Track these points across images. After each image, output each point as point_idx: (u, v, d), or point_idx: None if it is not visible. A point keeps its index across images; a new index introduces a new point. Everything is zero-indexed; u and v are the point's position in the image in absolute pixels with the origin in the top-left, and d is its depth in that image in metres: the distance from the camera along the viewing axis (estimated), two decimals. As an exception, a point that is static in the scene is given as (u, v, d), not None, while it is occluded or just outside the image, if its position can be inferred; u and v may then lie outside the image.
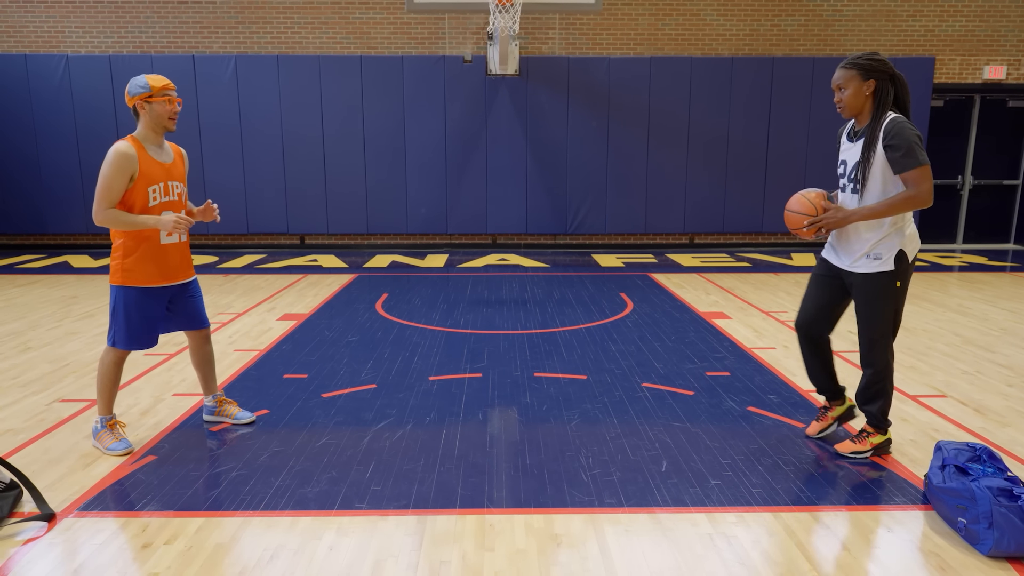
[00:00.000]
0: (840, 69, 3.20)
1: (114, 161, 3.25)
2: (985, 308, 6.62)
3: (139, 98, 3.32)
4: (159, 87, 3.33)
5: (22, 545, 2.68)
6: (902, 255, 3.15)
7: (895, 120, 3.09)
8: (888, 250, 3.16)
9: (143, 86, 3.31)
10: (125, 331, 3.42)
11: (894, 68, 3.18)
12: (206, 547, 2.67)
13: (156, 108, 3.34)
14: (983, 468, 2.78)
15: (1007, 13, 10.17)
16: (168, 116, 3.37)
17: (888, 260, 3.16)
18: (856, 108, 3.19)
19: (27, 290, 7.38)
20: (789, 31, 10.17)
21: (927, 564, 2.57)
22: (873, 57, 3.14)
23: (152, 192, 3.36)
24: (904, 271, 3.18)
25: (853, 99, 3.16)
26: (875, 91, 3.15)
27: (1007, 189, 10.79)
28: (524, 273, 8.48)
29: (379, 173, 10.06)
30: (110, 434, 3.48)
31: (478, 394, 4.30)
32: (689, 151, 10.15)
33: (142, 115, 3.35)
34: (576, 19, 10.02)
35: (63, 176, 9.92)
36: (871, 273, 3.20)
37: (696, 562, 2.58)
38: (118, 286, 3.39)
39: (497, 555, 2.62)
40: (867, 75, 3.13)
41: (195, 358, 3.77)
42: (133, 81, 3.34)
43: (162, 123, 3.37)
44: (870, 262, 3.20)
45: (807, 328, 3.53)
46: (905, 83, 3.19)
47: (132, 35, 9.92)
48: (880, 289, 3.20)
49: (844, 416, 3.65)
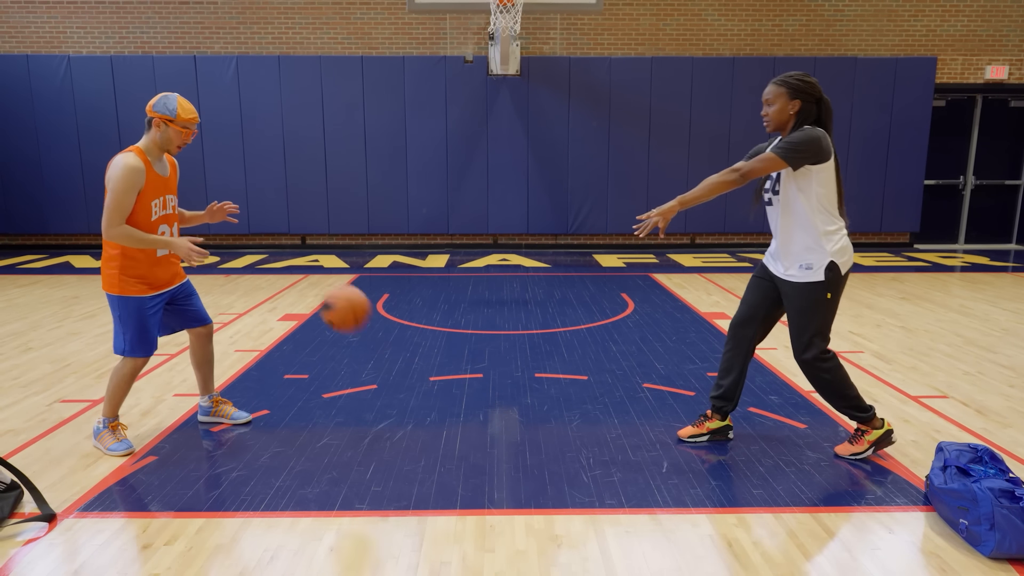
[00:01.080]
0: (771, 84, 3.25)
1: (126, 177, 3.23)
2: (987, 308, 6.61)
3: (161, 117, 3.30)
4: (185, 119, 3.33)
5: (23, 546, 2.68)
6: (833, 266, 3.17)
7: (805, 128, 3.14)
8: (819, 260, 3.18)
9: (170, 110, 3.30)
10: (138, 339, 3.41)
11: (822, 92, 3.21)
12: (206, 548, 2.67)
13: (170, 133, 3.34)
14: (985, 469, 2.78)
15: (1009, 13, 10.16)
16: (177, 144, 3.37)
17: (819, 270, 3.18)
18: (779, 124, 3.24)
19: (28, 290, 7.39)
20: (790, 31, 10.16)
21: (928, 565, 2.57)
22: (804, 78, 3.19)
23: (154, 206, 3.37)
24: (834, 281, 3.19)
25: (778, 115, 3.22)
26: (799, 111, 3.19)
27: (1009, 189, 10.78)
28: (525, 273, 8.48)
29: (380, 173, 10.06)
30: (112, 435, 3.48)
31: (479, 395, 4.30)
32: (690, 151, 10.15)
33: (154, 131, 3.33)
34: (577, 19, 10.01)
35: (65, 176, 9.93)
36: (802, 283, 3.23)
37: (696, 563, 2.57)
38: (119, 296, 3.37)
39: (497, 556, 2.62)
40: (794, 95, 3.18)
41: (196, 357, 3.76)
42: (164, 98, 3.32)
43: (168, 148, 3.37)
44: (802, 272, 3.23)
45: (737, 328, 3.52)
46: (830, 108, 3.23)
47: (133, 35, 9.93)
48: (810, 299, 3.22)
49: (719, 432, 3.62)
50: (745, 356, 3.54)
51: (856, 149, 10.06)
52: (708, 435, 3.62)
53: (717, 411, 3.61)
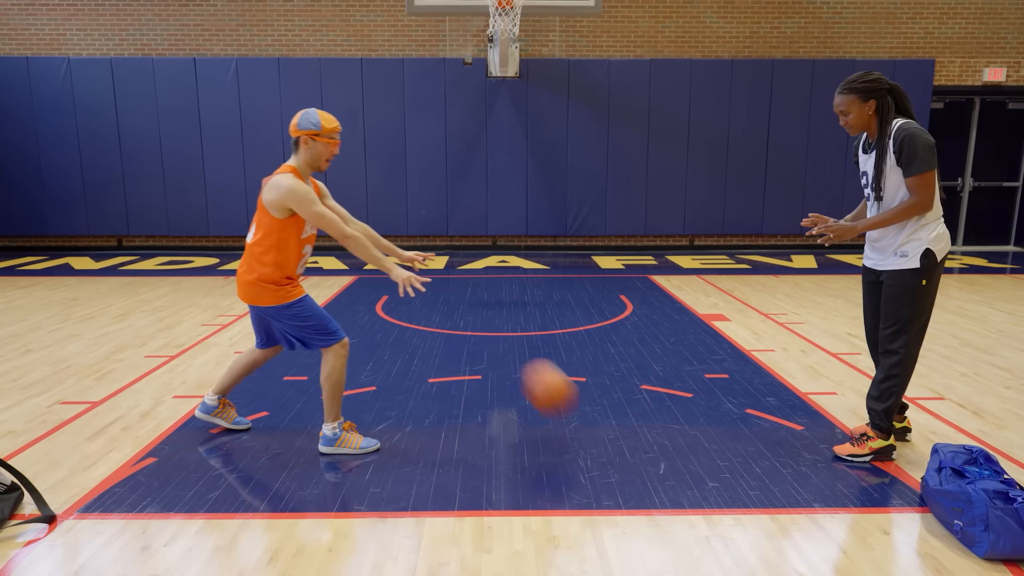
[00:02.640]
0: (839, 95, 3.28)
1: (302, 191, 3.24)
2: (984, 310, 6.63)
3: (307, 133, 3.31)
4: (328, 129, 3.34)
5: (23, 547, 2.69)
6: (929, 253, 3.19)
7: (902, 128, 3.17)
8: (915, 248, 3.21)
9: (315, 123, 3.31)
10: (329, 323, 3.44)
11: (889, 81, 3.24)
12: (205, 549, 2.68)
13: (319, 147, 3.34)
14: (979, 471, 2.79)
15: (1007, 15, 10.18)
16: (327, 157, 3.38)
17: (914, 258, 3.20)
18: (862, 127, 3.30)
19: (28, 292, 7.40)
20: (789, 33, 10.18)
21: (923, 566, 2.58)
22: (865, 78, 3.23)
23: (307, 225, 3.40)
24: (930, 269, 3.21)
25: (858, 120, 3.27)
26: (877, 108, 3.23)
27: (1007, 191, 10.80)
28: (524, 275, 8.49)
29: (379, 175, 10.08)
30: (354, 434, 3.51)
31: (477, 396, 4.31)
32: (689, 153, 10.17)
33: (303, 149, 3.35)
34: (576, 21, 10.03)
35: (64, 178, 9.95)
36: (897, 270, 3.25)
37: (693, 564, 2.59)
38: (289, 303, 3.38)
39: (495, 557, 2.63)
40: (867, 96, 3.23)
41: (246, 367, 3.73)
42: (305, 114, 3.33)
43: (319, 163, 3.38)
44: (897, 259, 3.25)
45: (874, 343, 3.51)
46: (902, 91, 3.27)
47: (133, 37, 9.94)
48: (905, 286, 3.23)
49: (898, 434, 3.60)
50: None
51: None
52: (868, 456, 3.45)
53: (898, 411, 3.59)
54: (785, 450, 3.55)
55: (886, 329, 3.31)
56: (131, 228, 10.14)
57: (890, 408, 3.34)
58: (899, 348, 3.27)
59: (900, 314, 3.26)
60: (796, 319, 6.27)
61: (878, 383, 3.37)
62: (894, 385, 3.32)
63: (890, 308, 3.29)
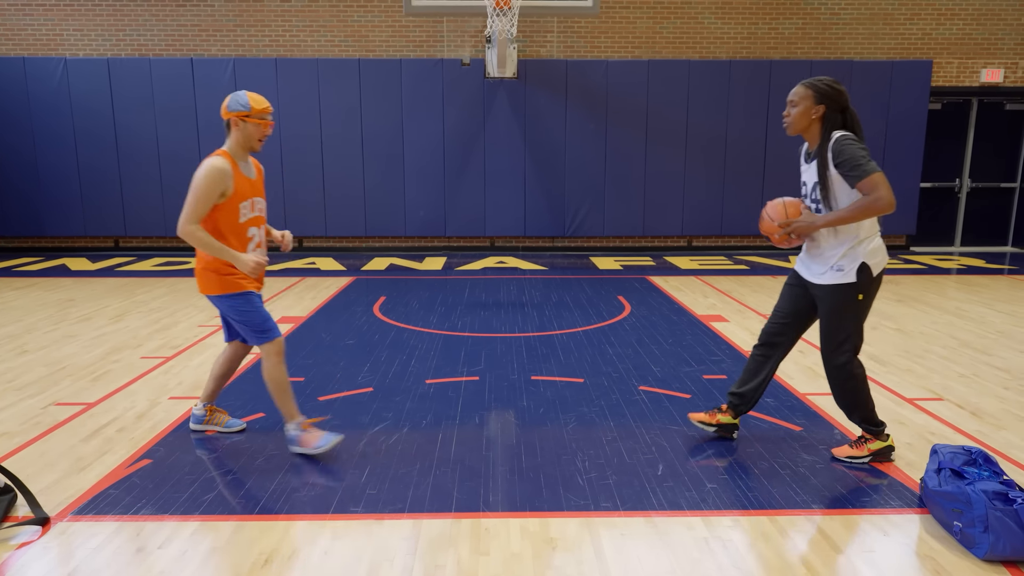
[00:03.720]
0: (799, 85, 3.24)
1: (211, 176, 3.22)
2: (982, 311, 6.63)
3: (236, 115, 3.31)
4: (258, 109, 3.33)
5: (16, 549, 2.67)
6: (865, 268, 3.18)
7: (839, 139, 3.12)
8: (851, 262, 3.19)
9: (244, 104, 3.31)
10: (266, 321, 3.41)
11: (849, 103, 3.19)
12: (200, 551, 2.66)
13: (249, 128, 3.34)
14: (979, 472, 2.79)
15: (1004, 16, 10.19)
16: (258, 138, 3.37)
17: (850, 272, 3.19)
18: (800, 127, 3.24)
19: (24, 293, 7.37)
20: (787, 34, 10.18)
21: (923, 568, 2.57)
22: (833, 85, 3.18)
23: (242, 208, 3.38)
24: (867, 284, 3.20)
25: (800, 117, 3.21)
26: (823, 117, 3.18)
27: (1005, 192, 10.81)
28: (522, 276, 8.48)
29: (377, 176, 10.06)
30: (312, 433, 3.47)
31: (475, 397, 4.30)
32: (687, 154, 10.16)
33: (234, 131, 3.34)
34: (574, 22, 10.03)
35: (61, 179, 9.92)
36: (834, 285, 3.23)
37: (692, 566, 2.57)
38: (231, 295, 3.37)
39: (492, 559, 2.61)
40: (820, 99, 3.17)
41: (224, 368, 3.71)
42: (234, 96, 3.32)
43: (251, 143, 3.37)
44: (834, 274, 3.23)
45: (770, 334, 3.54)
46: (857, 119, 3.21)
47: (130, 38, 9.92)
48: (842, 301, 3.23)
49: (726, 428, 3.64)
50: (775, 362, 3.54)
51: (852, 152, 10.07)
52: (716, 428, 3.64)
53: (732, 407, 3.62)
54: (784, 451, 3.53)
55: (827, 345, 3.31)
56: (128, 229, 10.11)
57: (866, 414, 3.34)
58: (844, 363, 3.27)
59: (840, 329, 3.25)
60: (794, 320, 6.26)
61: (840, 400, 3.37)
62: (855, 398, 3.32)
63: (830, 324, 3.28)
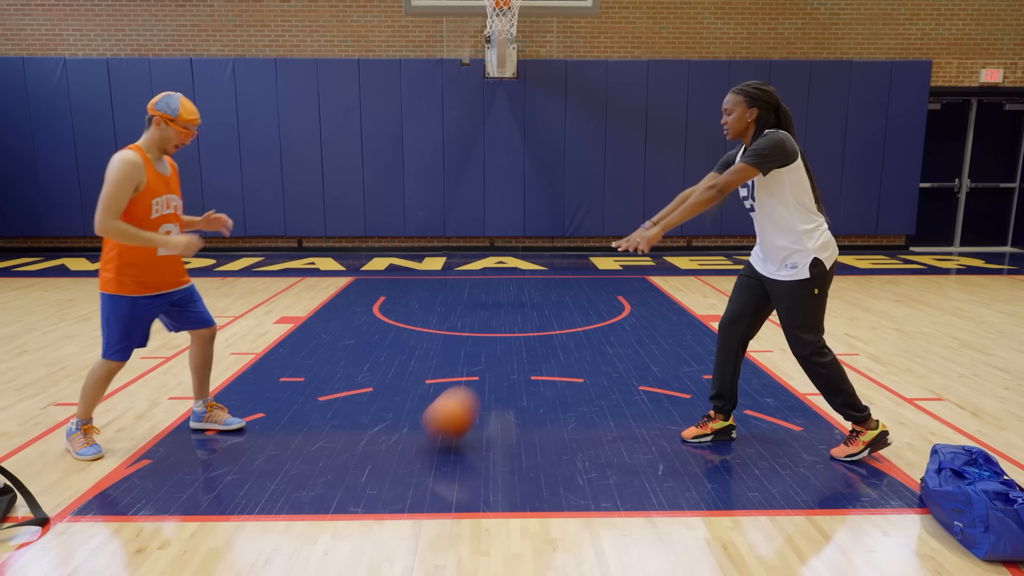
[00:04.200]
0: (730, 93, 3.29)
1: (123, 170, 3.20)
2: (982, 311, 6.63)
3: (161, 116, 3.29)
4: (185, 119, 3.31)
5: (15, 550, 2.67)
6: (817, 262, 3.20)
7: (768, 133, 3.17)
8: (802, 259, 3.21)
9: (172, 109, 3.28)
10: (119, 342, 3.39)
11: (780, 101, 3.24)
12: (200, 552, 2.66)
13: (170, 133, 3.32)
14: (979, 472, 2.78)
15: (1004, 17, 10.20)
16: (176, 144, 3.35)
17: (803, 269, 3.21)
18: (738, 132, 3.29)
19: (23, 293, 7.37)
20: (786, 34, 10.18)
21: (923, 568, 2.57)
22: (761, 87, 3.23)
23: (155, 204, 3.35)
24: (820, 277, 3.21)
25: (736, 123, 3.26)
26: (757, 118, 3.23)
27: (1004, 192, 10.81)
28: (522, 276, 8.48)
29: (377, 176, 10.06)
30: (83, 438, 3.45)
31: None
32: (687, 154, 10.16)
33: (154, 129, 3.32)
34: (574, 22, 10.03)
35: (60, 179, 9.91)
36: (788, 281, 3.26)
37: (692, 566, 2.57)
38: (111, 295, 3.34)
39: (493, 559, 2.61)
40: (751, 103, 3.21)
41: (196, 360, 3.72)
42: (166, 97, 3.30)
43: (166, 147, 3.36)
44: (788, 271, 3.26)
45: (727, 327, 3.55)
46: (789, 115, 3.26)
47: (130, 38, 9.92)
48: (798, 297, 3.25)
49: (722, 432, 3.64)
50: (737, 354, 3.56)
51: (852, 152, 10.09)
52: (712, 435, 3.63)
53: (719, 411, 3.63)
54: (783, 451, 3.53)
55: (791, 341, 3.33)
56: (127, 229, 10.10)
57: (848, 400, 3.34)
58: (809, 354, 3.29)
59: (799, 324, 3.28)
60: (794, 320, 6.26)
61: (821, 390, 3.38)
62: (831, 384, 3.32)
63: (791, 319, 3.31)
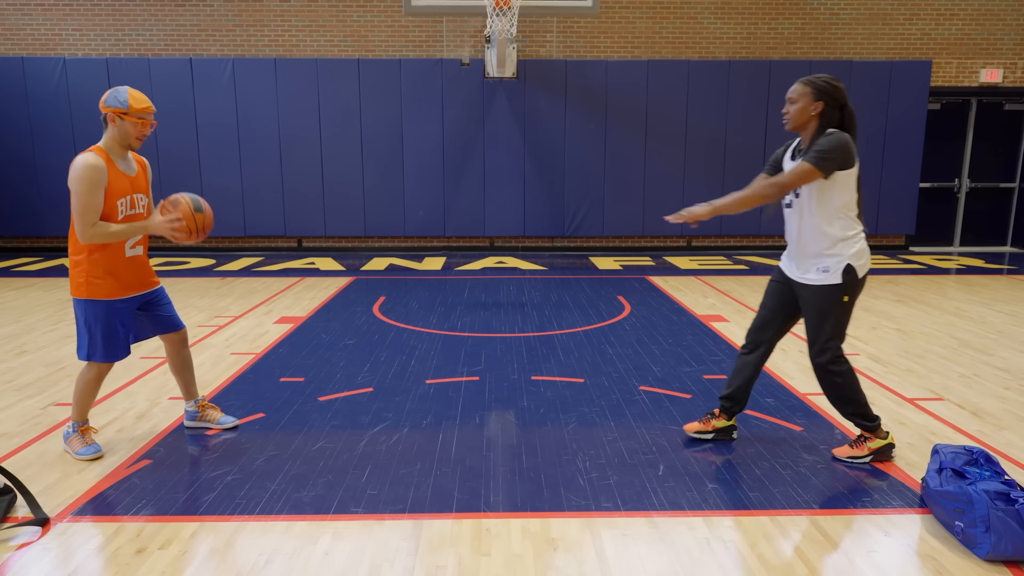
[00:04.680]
0: (798, 83, 3.24)
1: (87, 176, 3.18)
2: (982, 311, 6.63)
3: (113, 111, 3.25)
4: (137, 109, 3.25)
5: (16, 550, 2.66)
6: (850, 269, 3.19)
7: (834, 134, 3.13)
8: (836, 263, 3.20)
9: (122, 102, 3.24)
10: (101, 345, 3.38)
11: (847, 100, 3.20)
12: (200, 552, 2.66)
13: (126, 126, 3.27)
14: (980, 472, 2.78)
15: (1003, 17, 10.20)
16: (136, 137, 3.30)
17: (836, 273, 3.20)
18: (799, 124, 3.24)
19: (23, 293, 7.36)
20: (786, 34, 10.18)
21: (924, 568, 2.57)
22: (831, 82, 3.18)
23: (120, 205, 3.32)
24: (852, 285, 3.21)
25: (799, 114, 3.21)
26: (821, 114, 3.18)
27: (1004, 192, 10.81)
28: (522, 276, 8.47)
29: (376, 176, 10.06)
30: (80, 439, 3.45)
31: (475, 397, 4.29)
32: (686, 154, 10.16)
33: (111, 127, 3.28)
34: (574, 22, 10.03)
35: (60, 179, 9.84)
36: (819, 285, 3.24)
37: (693, 566, 2.57)
38: (84, 300, 3.33)
39: (493, 559, 2.61)
40: (818, 96, 3.17)
41: (174, 363, 3.71)
42: (113, 92, 3.26)
43: (128, 142, 3.31)
44: (819, 275, 3.24)
45: (756, 332, 3.56)
46: (853, 116, 3.22)
47: (129, 38, 9.91)
48: (827, 301, 3.24)
49: (723, 431, 3.64)
50: (760, 359, 3.56)
51: (852, 152, 10.08)
52: (713, 433, 3.64)
53: (724, 411, 3.63)
54: (784, 451, 3.53)
55: (813, 346, 3.32)
56: (127, 229, 10.09)
57: (859, 410, 3.34)
58: (828, 361, 3.28)
59: (825, 330, 3.27)
60: (794, 320, 6.26)
61: (830, 398, 3.38)
62: (845, 392, 3.32)
63: (816, 323, 3.29)
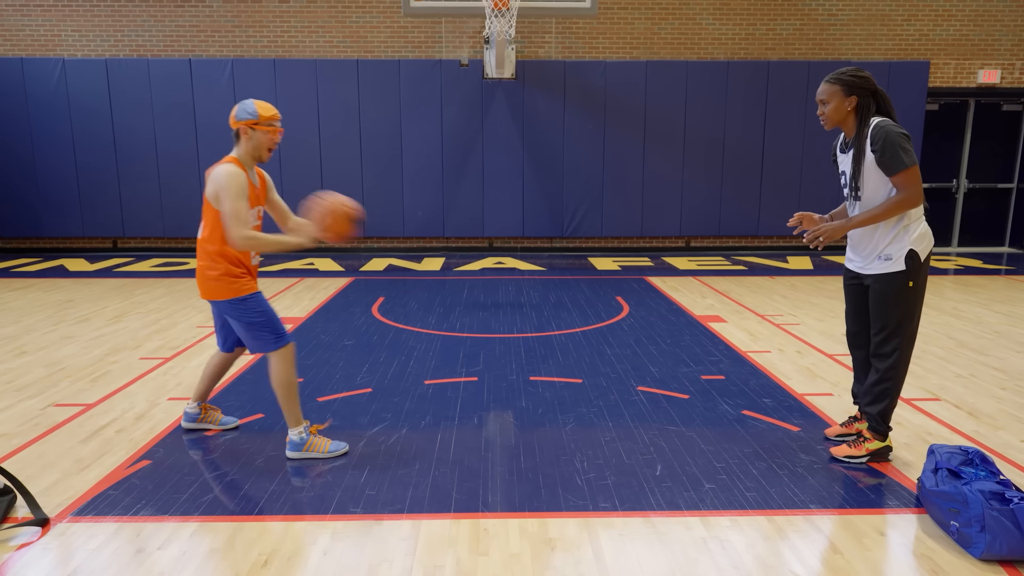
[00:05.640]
0: (824, 83, 3.26)
1: (235, 184, 3.23)
2: (979, 311, 6.64)
3: (245, 123, 3.31)
4: (267, 117, 3.33)
5: (16, 551, 2.67)
6: (913, 254, 3.16)
7: (879, 125, 3.14)
8: (898, 250, 3.18)
9: (252, 113, 3.31)
10: (276, 327, 3.41)
11: (876, 84, 3.21)
12: (200, 552, 2.67)
13: (259, 136, 3.34)
14: (975, 472, 2.80)
15: (1001, 17, 10.22)
16: (268, 147, 3.37)
17: (899, 260, 3.18)
18: (837, 121, 3.26)
19: (22, 294, 7.37)
20: (784, 35, 10.20)
21: (920, 567, 2.58)
22: (856, 73, 3.19)
23: (250, 216, 3.38)
24: (916, 270, 3.18)
25: (834, 113, 3.23)
26: (857, 106, 3.20)
27: (1002, 192, 10.84)
28: (520, 276, 8.48)
29: (376, 176, 10.07)
30: (320, 438, 3.49)
31: (473, 398, 4.30)
32: (685, 155, 10.18)
33: (243, 140, 3.34)
34: (572, 23, 10.04)
35: (59, 180, 9.91)
36: (883, 274, 3.22)
37: (690, 566, 2.58)
38: (240, 299, 3.36)
39: (491, 559, 2.62)
40: (849, 91, 3.19)
41: (218, 369, 3.74)
42: (241, 105, 3.33)
43: (260, 152, 3.38)
44: (881, 263, 3.22)
45: (854, 339, 3.53)
46: (887, 97, 3.23)
47: (129, 39, 9.92)
48: (892, 289, 3.21)
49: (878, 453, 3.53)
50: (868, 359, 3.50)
51: (850, 153, 10.09)
52: (867, 457, 3.40)
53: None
54: (781, 451, 3.54)
55: (877, 335, 3.29)
56: (126, 230, 10.11)
57: (886, 411, 3.34)
58: (891, 351, 3.25)
59: (890, 318, 3.23)
60: (792, 320, 6.27)
61: (871, 387, 3.35)
62: (888, 388, 3.31)
63: (879, 313, 3.27)
